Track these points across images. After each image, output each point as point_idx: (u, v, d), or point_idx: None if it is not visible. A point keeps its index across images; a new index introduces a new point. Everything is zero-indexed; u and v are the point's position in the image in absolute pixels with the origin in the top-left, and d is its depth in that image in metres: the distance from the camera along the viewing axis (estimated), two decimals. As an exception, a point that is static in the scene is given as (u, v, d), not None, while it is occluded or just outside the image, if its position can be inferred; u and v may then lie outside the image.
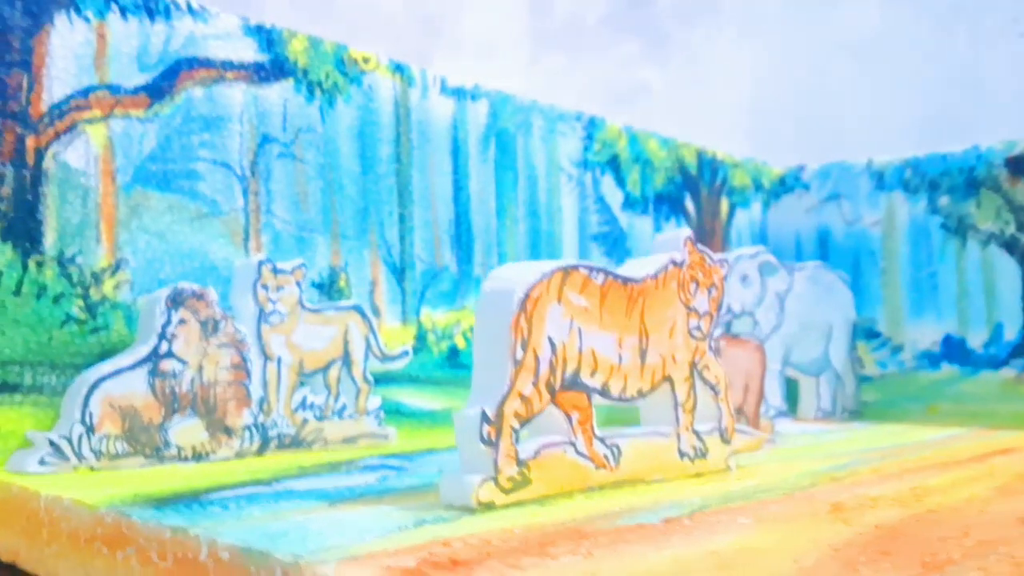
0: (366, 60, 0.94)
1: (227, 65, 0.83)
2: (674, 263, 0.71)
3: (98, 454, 0.70)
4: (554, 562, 0.43)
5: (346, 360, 0.86)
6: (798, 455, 0.86)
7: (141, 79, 0.78)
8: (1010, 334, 1.27)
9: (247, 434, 0.78)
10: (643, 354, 0.67)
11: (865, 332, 1.39)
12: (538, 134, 1.12)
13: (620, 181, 1.22)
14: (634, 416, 0.72)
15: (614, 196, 1.22)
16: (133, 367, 0.72)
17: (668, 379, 0.70)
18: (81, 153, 0.75)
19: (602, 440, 0.65)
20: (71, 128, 0.74)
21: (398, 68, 0.97)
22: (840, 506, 0.59)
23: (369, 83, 0.94)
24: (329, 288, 0.91)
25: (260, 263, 0.80)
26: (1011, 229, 1.27)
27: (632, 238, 1.24)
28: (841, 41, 1.60)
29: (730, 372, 1.00)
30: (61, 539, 0.57)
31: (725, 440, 0.75)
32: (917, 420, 1.27)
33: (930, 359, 1.33)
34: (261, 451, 0.79)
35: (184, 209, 0.80)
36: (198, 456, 0.75)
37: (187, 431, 0.75)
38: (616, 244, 1.22)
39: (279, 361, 0.81)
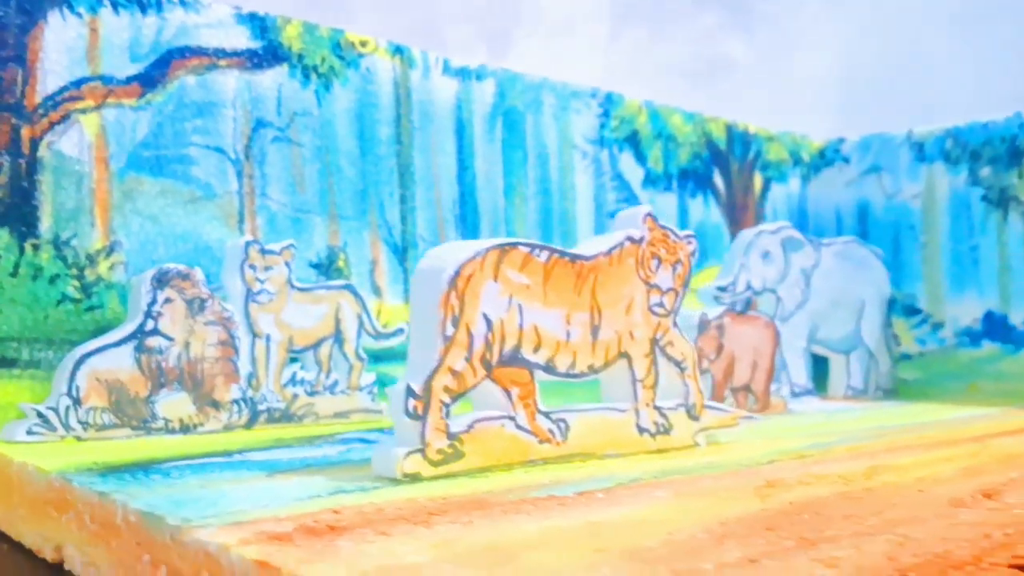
0: (364, 43, 0.96)
1: (220, 53, 0.86)
2: (631, 240, 0.71)
3: (85, 425, 0.74)
4: (425, 530, 0.44)
5: (338, 338, 0.88)
6: (786, 433, 0.85)
7: (133, 69, 0.82)
8: (1054, 310, 1.22)
9: (235, 408, 0.81)
10: (595, 330, 0.68)
11: (905, 308, 1.34)
12: (549, 112, 1.12)
13: (640, 158, 1.22)
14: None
15: (634, 173, 1.21)
16: (119, 344, 0.76)
17: (625, 355, 0.70)
18: (75, 142, 0.79)
19: (547, 415, 0.65)
20: (65, 118, 0.78)
21: (398, 50, 0.99)
22: (775, 483, 0.59)
23: (367, 66, 0.96)
24: (328, 268, 0.93)
25: (247, 244, 0.83)
26: (1055, 200, 1.21)
27: (655, 214, 1.23)
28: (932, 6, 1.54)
29: (737, 349, 0.99)
30: (25, 503, 0.61)
31: (693, 417, 0.75)
32: (956, 399, 1.23)
33: (971, 336, 1.28)
34: (250, 424, 0.83)
35: (177, 193, 0.84)
36: (185, 428, 0.79)
37: (174, 404, 0.79)
38: (636, 221, 1.21)
39: (268, 338, 0.84)
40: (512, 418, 0.63)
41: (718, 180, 1.31)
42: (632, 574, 0.37)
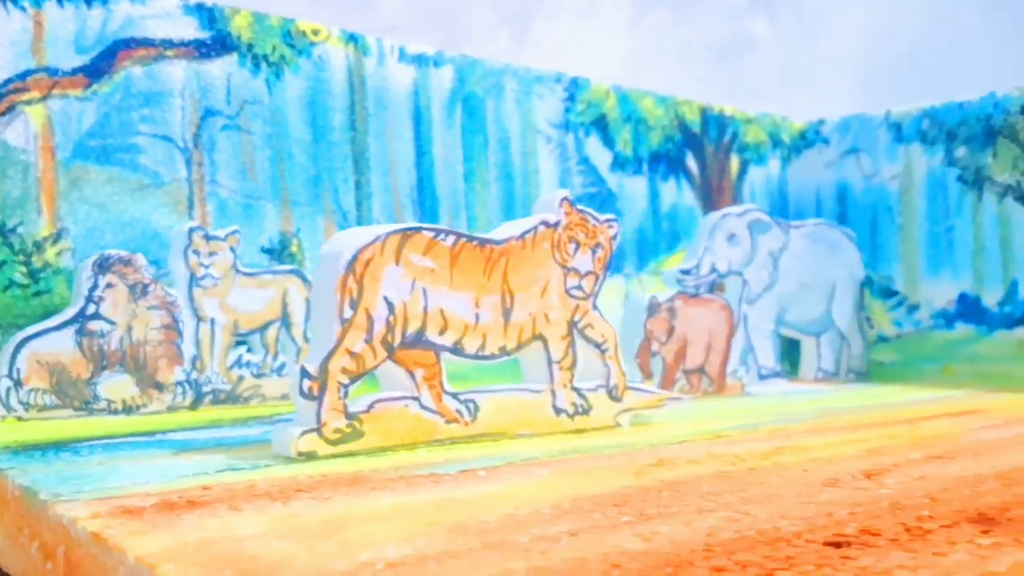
0: (316, 32, 0.97)
1: (167, 44, 0.88)
2: (546, 224, 0.72)
3: (26, 406, 0.77)
4: (280, 506, 0.46)
5: (285, 321, 0.90)
6: (715, 415, 0.86)
7: (79, 61, 0.84)
8: (1026, 291, 1.20)
9: (179, 389, 0.84)
10: (507, 313, 0.69)
11: (882, 290, 1.34)
12: (511, 97, 1.13)
13: (608, 141, 1.22)
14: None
15: (601, 157, 1.21)
16: (60, 327, 0.79)
17: (541, 337, 0.71)
18: (20, 132, 0.81)
19: (454, 395, 0.67)
20: (10, 109, 0.81)
21: (352, 38, 1.00)
22: (665, 462, 0.60)
23: (319, 54, 0.98)
24: (280, 253, 0.95)
25: (191, 230, 0.85)
26: (1029, 180, 1.20)
27: (624, 198, 1.24)
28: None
29: (690, 332, 1.00)
30: (-52, 480, 0.64)
31: (614, 398, 0.76)
32: (929, 381, 1.23)
33: (946, 318, 1.28)
34: (195, 405, 0.85)
35: (125, 181, 0.86)
36: (128, 409, 0.81)
37: (117, 386, 0.81)
38: (605, 205, 1.22)
39: (212, 322, 0.86)
40: (416, 398, 0.65)
41: (691, 163, 1.31)
42: (444, 544, 0.39)
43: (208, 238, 0.86)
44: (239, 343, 0.89)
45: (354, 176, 1.00)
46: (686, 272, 1.13)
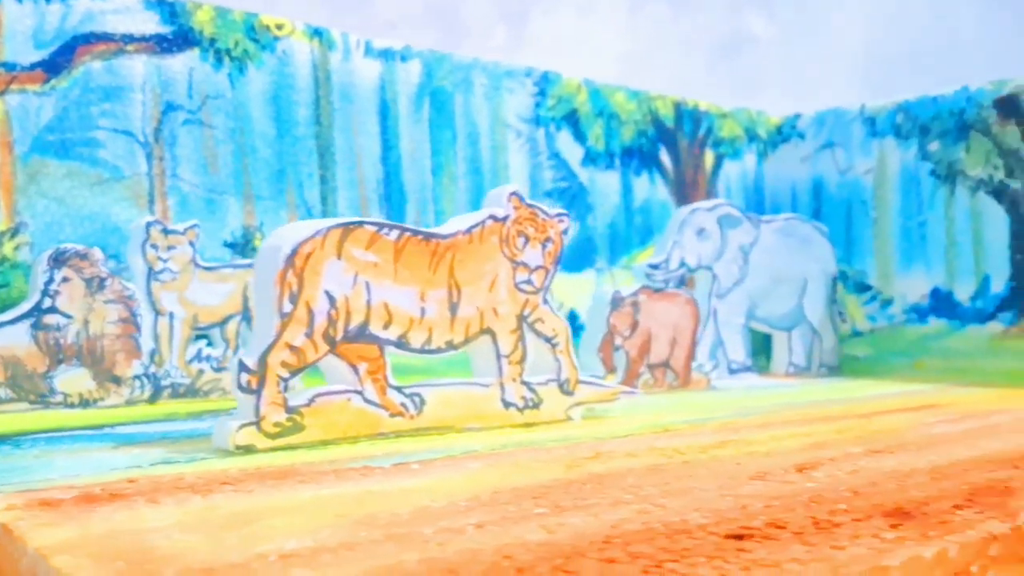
0: (279, 27, 0.97)
1: (127, 38, 0.89)
2: (494, 218, 0.72)
3: (-19, 400, 0.77)
4: (199, 499, 0.46)
5: (246, 315, 0.91)
6: (669, 409, 0.86)
7: (37, 56, 0.84)
8: (997, 286, 1.20)
9: (137, 383, 0.84)
10: (454, 307, 0.69)
11: (856, 285, 1.34)
12: (480, 92, 1.13)
13: (580, 136, 1.22)
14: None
15: (572, 152, 1.22)
16: (14, 321, 0.79)
17: (489, 331, 0.72)
18: (-23, 126, 0.81)
19: (399, 389, 0.67)
20: (-33, 104, 0.81)
21: (316, 33, 1.00)
22: (601, 455, 0.60)
23: (283, 49, 0.98)
24: (243, 247, 0.96)
25: (148, 224, 0.85)
26: (1000, 175, 1.20)
27: (595, 193, 1.24)
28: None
29: (654, 326, 1.00)
30: None
31: (566, 392, 0.76)
32: (901, 376, 1.23)
33: (918, 313, 1.28)
34: (153, 399, 0.85)
35: (84, 175, 0.86)
36: (85, 403, 0.82)
37: (74, 380, 0.81)
38: (576, 199, 1.22)
39: (171, 316, 0.87)
40: (359, 392, 0.65)
41: (665, 158, 1.31)
42: (347, 536, 0.39)
43: (166, 232, 0.86)
44: (199, 337, 0.89)
45: (319, 170, 1.00)
46: (655, 267, 1.13)
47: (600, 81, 1.24)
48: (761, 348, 1.29)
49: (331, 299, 0.63)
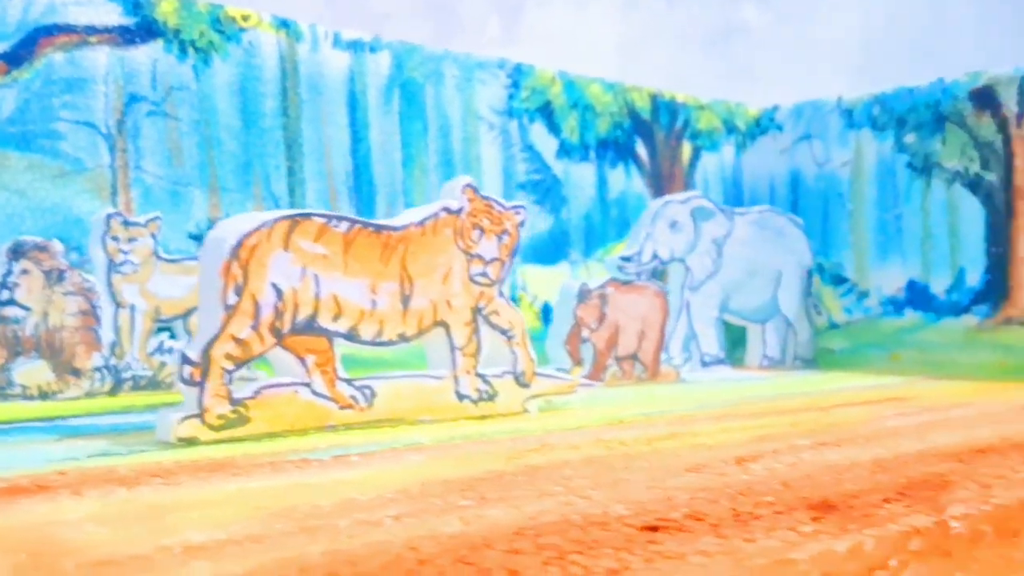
0: (246, 18, 0.97)
1: (90, 30, 0.88)
2: (447, 211, 0.72)
3: (-62, 392, 0.77)
4: (124, 491, 0.46)
5: (209, 307, 0.90)
6: (628, 402, 0.86)
7: (-2, 47, 0.84)
8: (972, 279, 1.20)
9: (97, 375, 0.84)
10: (406, 299, 0.69)
11: (833, 277, 1.34)
12: (452, 83, 1.12)
13: (554, 128, 1.22)
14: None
15: (547, 144, 1.21)
16: (-28, 314, 0.79)
17: (443, 324, 0.71)
18: (-64, 118, 0.81)
19: (349, 381, 0.67)
20: (-75, 95, 0.81)
21: (283, 24, 1.00)
22: (543, 447, 0.60)
23: (250, 40, 0.97)
24: (209, 239, 0.95)
25: (108, 216, 0.85)
26: (975, 167, 1.19)
27: (570, 185, 1.24)
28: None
29: (622, 319, 1.00)
30: None
31: (522, 384, 0.76)
32: (876, 368, 1.23)
33: (895, 305, 1.27)
34: (114, 391, 0.85)
35: (45, 167, 0.86)
36: (44, 395, 0.82)
37: (32, 372, 0.81)
38: (550, 192, 1.22)
39: (132, 308, 0.86)
40: (307, 384, 0.65)
41: (641, 150, 1.30)
42: (259, 528, 0.39)
43: (127, 224, 0.86)
44: (162, 329, 0.89)
45: (286, 162, 1.00)
46: (627, 259, 1.13)
47: (595, 73, 1.24)
48: (739, 341, 1.28)
49: (278, 291, 0.63)
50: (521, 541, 0.37)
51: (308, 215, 0.65)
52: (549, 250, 1.22)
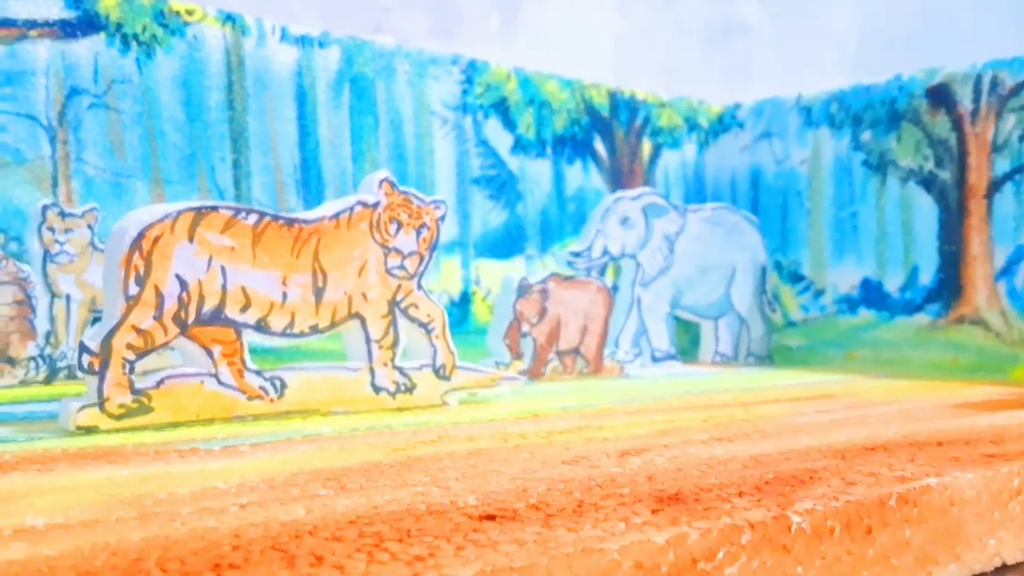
0: (190, 12, 0.98)
1: (30, 24, 0.89)
2: (363, 204, 0.72)
3: None
4: (3, 477, 0.47)
5: (147, 298, 0.91)
6: (550, 396, 0.86)
7: (-65, 39, 0.85)
8: (925, 278, 1.20)
9: (32, 364, 0.85)
10: (319, 292, 0.70)
11: (790, 275, 1.34)
12: (404, 79, 1.13)
13: (509, 124, 1.22)
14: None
15: (501, 139, 1.22)
16: (-97, 302, 0.80)
17: (358, 316, 0.72)
18: None
19: (258, 372, 0.68)
20: None
21: (229, 18, 1.01)
22: (439, 439, 0.61)
23: (194, 34, 0.98)
24: (152, 231, 0.96)
25: (44, 207, 0.86)
26: (930, 165, 1.19)
27: (525, 181, 1.24)
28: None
29: (564, 313, 1.00)
30: None
31: (442, 377, 0.76)
32: (832, 366, 1.23)
33: (849, 303, 1.28)
34: (49, 380, 0.86)
35: (-17, 159, 0.87)
36: (-23, 383, 0.83)
37: (-35, 361, 0.83)
38: (504, 187, 1.23)
39: (68, 298, 0.87)
40: (214, 375, 0.66)
41: (599, 146, 1.31)
42: (98, 514, 0.40)
43: (63, 215, 0.87)
44: (98, 319, 0.90)
45: (232, 155, 1.00)
46: (577, 255, 1.14)
47: (594, 70, 1.24)
48: (696, 338, 1.29)
49: (182, 283, 0.64)
50: (348, 530, 0.38)
51: (215, 207, 0.66)
52: (504, 245, 1.23)
